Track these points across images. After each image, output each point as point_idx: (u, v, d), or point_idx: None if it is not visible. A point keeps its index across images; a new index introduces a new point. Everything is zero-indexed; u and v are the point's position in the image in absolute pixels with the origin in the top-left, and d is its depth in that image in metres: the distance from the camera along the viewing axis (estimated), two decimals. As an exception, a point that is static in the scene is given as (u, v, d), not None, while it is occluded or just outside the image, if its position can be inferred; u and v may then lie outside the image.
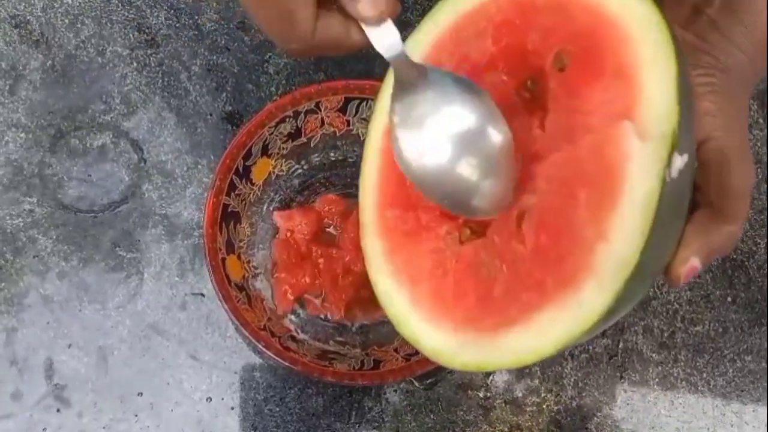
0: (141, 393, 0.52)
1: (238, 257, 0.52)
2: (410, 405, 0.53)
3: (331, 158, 0.56)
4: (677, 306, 0.56)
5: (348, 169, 0.56)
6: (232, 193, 0.52)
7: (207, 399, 0.53)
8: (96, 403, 0.52)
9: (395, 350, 0.51)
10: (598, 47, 0.30)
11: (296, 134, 0.54)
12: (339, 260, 0.53)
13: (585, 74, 0.31)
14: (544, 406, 0.54)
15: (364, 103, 0.53)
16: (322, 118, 0.54)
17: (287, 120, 0.53)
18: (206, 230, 0.50)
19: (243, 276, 0.52)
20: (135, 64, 0.57)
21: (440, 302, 0.34)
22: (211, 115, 0.57)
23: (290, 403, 0.53)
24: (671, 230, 0.31)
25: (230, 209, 0.52)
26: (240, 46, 0.58)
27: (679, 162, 0.28)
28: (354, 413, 0.53)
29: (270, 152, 0.54)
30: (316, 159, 0.56)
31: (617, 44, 0.29)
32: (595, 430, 0.54)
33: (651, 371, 0.55)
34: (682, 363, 0.55)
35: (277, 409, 0.53)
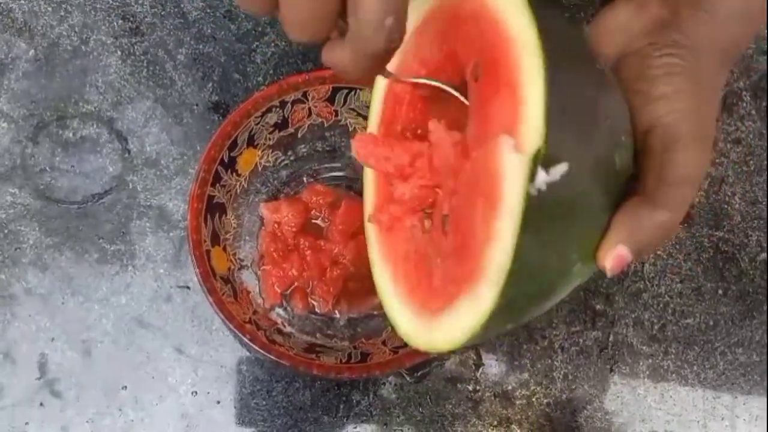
0: (125, 387, 0.52)
1: (224, 249, 0.52)
2: (399, 398, 0.53)
3: (319, 149, 0.55)
4: (668, 298, 0.56)
5: (336, 161, 0.55)
6: (218, 184, 0.51)
7: (192, 393, 0.52)
8: (79, 397, 0.51)
9: (383, 343, 0.51)
10: (499, 61, 0.32)
11: (283, 124, 0.53)
12: (327, 252, 0.53)
13: (490, 86, 0.33)
14: (534, 399, 0.53)
15: (353, 93, 0.52)
16: (310, 108, 0.53)
17: (274, 110, 0.52)
18: (190, 222, 0.49)
19: (229, 268, 0.51)
20: (119, 53, 0.56)
21: (408, 285, 0.38)
22: (198, 105, 0.56)
23: (277, 397, 0.52)
24: (563, 235, 0.32)
25: (215, 201, 0.51)
26: (227, 35, 0.57)
27: (544, 177, 0.30)
28: (342, 407, 0.52)
29: (256, 143, 0.53)
30: (304, 150, 0.55)
31: (513, 59, 0.31)
32: (585, 423, 0.53)
33: (641, 364, 0.54)
34: (673, 356, 0.55)
35: (264, 403, 0.52)
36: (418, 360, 0.49)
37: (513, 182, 0.30)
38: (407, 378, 0.53)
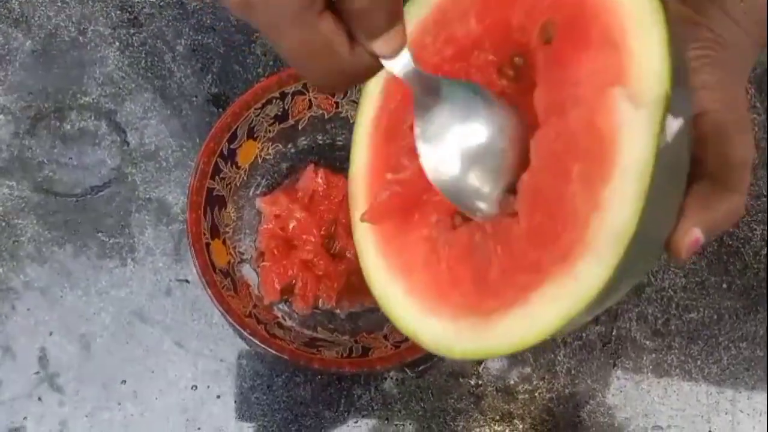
0: (124, 381, 0.51)
1: (224, 242, 0.51)
2: (400, 393, 0.52)
3: (320, 141, 0.55)
4: (671, 293, 0.55)
5: (337, 153, 0.54)
6: (217, 177, 0.51)
7: (192, 387, 0.52)
8: (78, 392, 0.51)
9: (385, 337, 0.50)
10: (583, 16, 0.29)
11: (283, 116, 0.53)
12: (330, 248, 0.52)
13: (571, 45, 0.30)
14: (537, 394, 0.53)
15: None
16: (310, 100, 0.53)
17: (274, 101, 0.51)
18: (189, 214, 0.49)
19: (229, 262, 0.51)
20: (117, 44, 0.56)
21: (436, 291, 0.34)
22: (197, 97, 0.56)
23: (278, 391, 0.52)
24: (669, 199, 0.30)
25: (215, 193, 0.51)
26: (226, 26, 0.57)
27: (675, 125, 0.27)
28: (343, 401, 0.52)
29: (256, 135, 0.52)
30: (304, 142, 0.54)
31: (602, 12, 0.29)
32: (588, 418, 0.53)
33: (645, 358, 0.54)
34: (676, 350, 0.54)
35: (264, 397, 0.52)
36: (420, 354, 0.48)
37: (639, 133, 0.27)
38: (409, 372, 0.53)
